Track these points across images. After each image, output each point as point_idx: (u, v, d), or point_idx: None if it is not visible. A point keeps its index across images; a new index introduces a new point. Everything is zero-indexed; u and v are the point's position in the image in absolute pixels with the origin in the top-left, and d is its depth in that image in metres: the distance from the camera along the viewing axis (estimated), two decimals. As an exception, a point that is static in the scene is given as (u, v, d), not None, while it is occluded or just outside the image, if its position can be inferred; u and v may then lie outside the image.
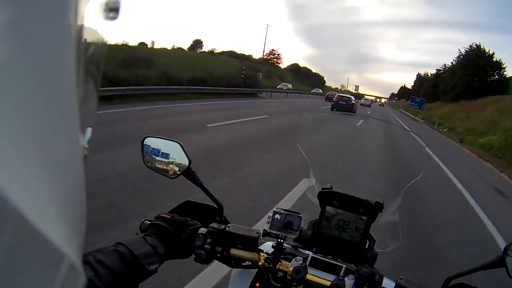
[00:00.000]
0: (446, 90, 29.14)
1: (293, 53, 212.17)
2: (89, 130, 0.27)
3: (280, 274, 0.62)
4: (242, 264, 0.65)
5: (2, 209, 0.15)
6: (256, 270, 0.65)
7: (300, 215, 0.67)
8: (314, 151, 1.01)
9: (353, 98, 19.26)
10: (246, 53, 55.50)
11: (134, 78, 10.73)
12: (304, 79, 60.21)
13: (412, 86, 54.18)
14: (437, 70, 37.48)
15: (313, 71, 72.69)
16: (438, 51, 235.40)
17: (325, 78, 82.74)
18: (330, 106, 16.95)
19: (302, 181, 3.33)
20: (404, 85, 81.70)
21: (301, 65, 72.60)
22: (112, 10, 0.28)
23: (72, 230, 0.23)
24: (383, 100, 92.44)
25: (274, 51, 58.01)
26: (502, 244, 3.04)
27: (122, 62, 14.03)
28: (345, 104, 16.88)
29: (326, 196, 0.70)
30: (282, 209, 0.68)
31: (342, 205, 0.69)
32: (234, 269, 0.68)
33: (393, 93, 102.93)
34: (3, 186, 0.15)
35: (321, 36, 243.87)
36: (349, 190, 0.70)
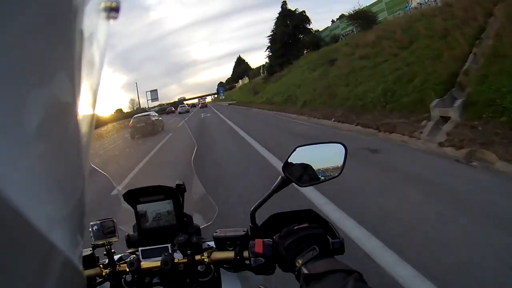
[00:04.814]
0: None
1: (110, 85, 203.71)
2: (91, 131, 0.30)
3: (128, 278, 0.78)
4: (94, 283, 0.79)
5: (2, 210, 0.17)
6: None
7: (112, 219, 0.83)
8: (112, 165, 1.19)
9: (153, 113, 16.78)
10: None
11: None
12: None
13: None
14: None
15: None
16: (251, 34, 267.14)
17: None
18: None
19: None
20: (244, 60, 78.45)
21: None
22: (112, 10, 0.31)
23: (72, 230, 0.26)
24: (207, 99, 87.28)
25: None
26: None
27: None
28: (144, 125, 13.87)
29: (131, 197, 0.85)
30: (96, 220, 0.83)
31: (148, 198, 0.85)
32: None
33: (221, 83, 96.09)
34: (3, 187, 0.17)
35: (133, 59, 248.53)
36: (153, 183, 0.80)
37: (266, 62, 34.78)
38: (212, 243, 0.80)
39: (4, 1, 0.18)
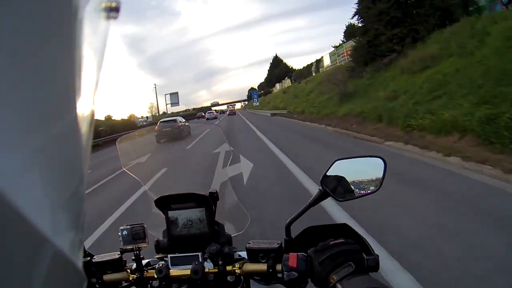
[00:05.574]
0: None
1: (142, 87, 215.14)
2: (90, 130, 0.34)
3: (155, 284, 0.92)
4: (120, 287, 0.94)
5: (3, 211, 0.19)
6: None
7: (143, 224, 0.97)
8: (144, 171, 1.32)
9: (179, 119, 16.85)
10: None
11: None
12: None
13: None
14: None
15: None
16: (282, 42, 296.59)
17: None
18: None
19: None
20: (283, 60, 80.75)
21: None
22: (112, 10, 0.35)
23: (72, 231, 0.29)
24: (237, 106, 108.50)
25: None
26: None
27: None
28: (170, 129, 13.90)
29: (163, 203, 0.97)
30: (126, 225, 0.96)
31: (180, 205, 0.96)
32: None
33: (252, 89, 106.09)
34: (4, 188, 0.19)
35: (164, 64, 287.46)
36: (186, 190, 0.95)
37: (356, 39, 20.92)
38: (242, 253, 0.97)
39: (5, 1, 0.20)
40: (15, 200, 0.20)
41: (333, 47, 36.09)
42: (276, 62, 77.60)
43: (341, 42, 37.02)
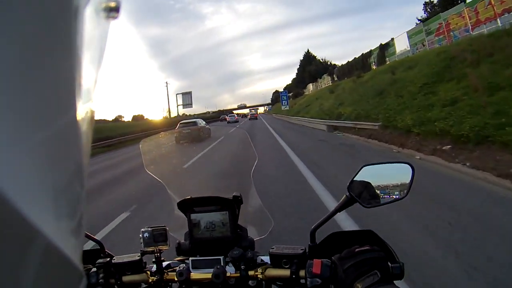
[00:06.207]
0: None
1: (162, 91, 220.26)
2: (90, 130, 0.35)
3: (175, 287, 0.94)
4: None
5: (2, 210, 0.19)
6: None
7: (165, 226, 0.98)
8: (166, 172, 1.32)
9: (200, 121, 16.96)
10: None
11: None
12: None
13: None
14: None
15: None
16: (305, 48, 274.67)
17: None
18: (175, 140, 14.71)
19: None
20: (316, 57, 68.56)
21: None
22: (112, 10, 0.35)
23: (72, 230, 0.29)
24: (259, 110, 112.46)
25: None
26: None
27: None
28: (190, 132, 14.16)
29: (186, 205, 0.99)
30: (148, 227, 0.97)
31: (203, 208, 0.98)
32: None
33: (277, 91, 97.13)
34: (3, 187, 0.19)
35: (187, 66, 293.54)
36: (209, 193, 0.99)
37: None
38: (265, 258, 0.97)
39: (5, 1, 0.21)
40: (14, 198, 0.20)
41: (419, 20, 25.32)
42: (308, 59, 66.23)
43: (421, 17, 26.12)
